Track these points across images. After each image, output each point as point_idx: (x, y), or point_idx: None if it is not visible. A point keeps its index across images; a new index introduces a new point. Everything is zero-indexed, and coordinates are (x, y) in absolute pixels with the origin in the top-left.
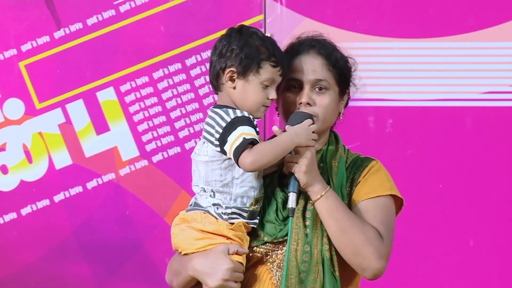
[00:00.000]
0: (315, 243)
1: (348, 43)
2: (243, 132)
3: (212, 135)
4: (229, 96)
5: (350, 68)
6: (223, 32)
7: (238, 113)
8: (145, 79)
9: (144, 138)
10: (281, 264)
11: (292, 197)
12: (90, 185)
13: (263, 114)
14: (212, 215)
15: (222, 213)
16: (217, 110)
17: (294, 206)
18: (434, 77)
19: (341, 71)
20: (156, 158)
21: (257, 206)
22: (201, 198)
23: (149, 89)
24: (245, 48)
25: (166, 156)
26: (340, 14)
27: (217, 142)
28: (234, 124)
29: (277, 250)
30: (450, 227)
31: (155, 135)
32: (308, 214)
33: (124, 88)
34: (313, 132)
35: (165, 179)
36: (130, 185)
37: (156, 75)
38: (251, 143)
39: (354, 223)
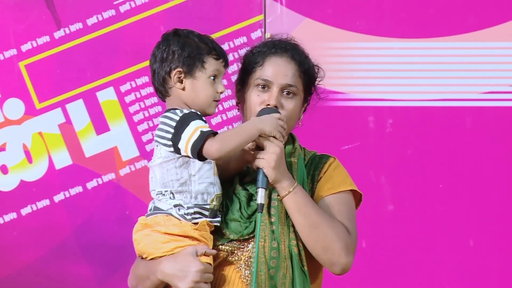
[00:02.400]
0: (282, 239)
1: (348, 43)
2: (198, 126)
3: (163, 137)
4: (179, 98)
5: (316, 77)
6: (223, 32)
7: (185, 111)
8: (145, 79)
9: (144, 138)
10: (249, 262)
11: (261, 192)
12: (90, 185)
13: (215, 110)
14: (175, 217)
15: (185, 213)
16: (165, 114)
17: (263, 201)
18: (434, 77)
19: (310, 79)
20: None
21: (217, 204)
22: (160, 203)
23: (149, 89)
24: (185, 48)
25: None
26: (340, 14)
27: (170, 143)
28: (185, 120)
29: (242, 248)
30: (450, 227)
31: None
32: (273, 211)
33: (124, 88)
34: (281, 126)
35: None
36: (130, 185)
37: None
38: (211, 134)
39: (323, 219)
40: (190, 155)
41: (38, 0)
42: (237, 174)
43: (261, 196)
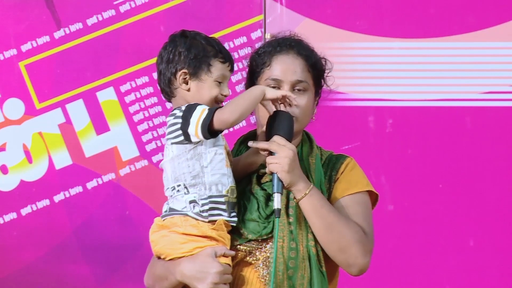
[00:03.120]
0: (301, 240)
1: (348, 43)
2: (205, 107)
3: (172, 132)
4: (184, 98)
5: (325, 70)
6: (223, 32)
7: (191, 103)
8: (145, 79)
9: (144, 138)
10: (267, 262)
11: (277, 197)
12: (90, 185)
13: None
14: (192, 217)
15: (200, 211)
16: (172, 112)
17: (279, 206)
18: (434, 77)
19: (319, 73)
20: (156, 158)
21: (233, 197)
22: (175, 201)
23: (149, 89)
24: (192, 49)
25: None
26: (340, 14)
27: (180, 132)
28: (192, 108)
29: (261, 248)
30: (450, 227)
31: (155, 135)
32: (291, 211)
33: (124, 88)
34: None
35: None
36: (130, 185)
37: (156, 75)
38: (217, 109)
39: (339, 220)
40: (200, 135)
41: (38, 0)
42: (254, 173)
43: (277, 201)
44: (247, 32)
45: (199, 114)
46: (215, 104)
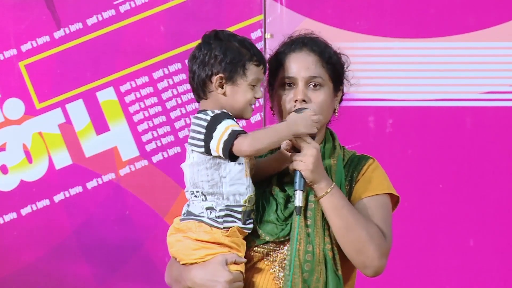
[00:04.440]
0: (317, 243)
1: (348, 43)
2: (229, 125)
3: (195, 138)
4: (218, 102)
5: (343, 64)
6: None
7: (217, 111)
8: (145, 79)
9: (144, 138)
10: (283, 264)
11: (298, 195)
12: (90, 185)
13: (251, 114)
14: (206, 223)
15: (216, 216)
16: (197, 115)
17: (301, 204)
18: (434, 77)
19: (335, 67)
20: (156, 158)
21: (251, 205)
22: (193, 205)
23: (149, 89)
24: (228, 53)
25: (166, 156)
26: (340, 14)
27: (202, 143)
28: (217, 120)
29: (278, 250)
30: (450, 227)
31: (155, 135)
32: (309, 214)
33: (124, 88)
34: (315, 121)
35: (165, 179)
36: (130, 185)
37: (156, 75)
38: (241, 133)
39: (358, 221)
40: (221, 154)
41: (38, 0)
42: (275, 174)
43: (299, 199)
44: (247, 32)
45: (222, 132)
46: (249, 107)
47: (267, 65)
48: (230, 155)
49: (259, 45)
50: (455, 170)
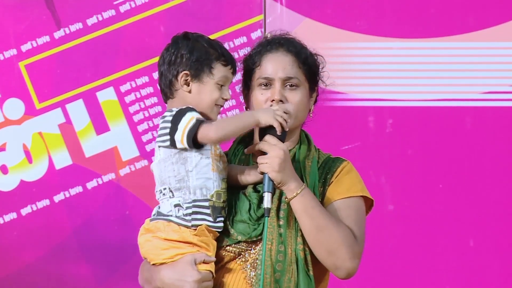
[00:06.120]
0: (289, 243)
1: (348, 43)
2: (193, 116)
3: (162, 135)
4: (184, 100)
5: (318, 65)
6: (223, 32)
7: (182, 107)
8: (145, 79)
9: (144, 138)
10: (255, 264)
11: (267, 197)
12: (90, 185)
13: (217, 115)
14: (175, 223)
15: (184, 214)
16: (164, 114)
17: (269, 206)
18: (434, 77)
19: (310, 68)
20: None
21: (220, 201)
22: (162, 204)
23: (149, 89)
24: (194, 52)
25: None
26: (340, 14)
27: (168, 137)
28: (181, 113)
29: (250, 250)
30: (450, 227)
31: (155, 135)
32: (282, 214)
33: (124, 88)
34: (285, 113)
35: None
36: (130, 185)
37: (156, 75)
38: (205, 122)
39: (329, 222)
40: (185, 143)
41: (38, 0)
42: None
43: (267, 201)
44: (247, 32)
45: (187, 122)
46: (215, 107)
47: (237, 67)
48: (195, 143)
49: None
50: (455, 170)
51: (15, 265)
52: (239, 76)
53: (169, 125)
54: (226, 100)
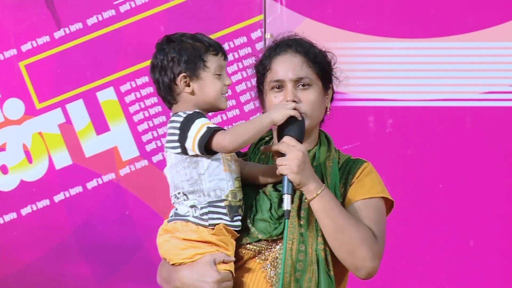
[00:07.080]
0: (310, 243)
1: (348, 43)
2: (203, 123)
3: (171, 141)
4: (189, 102)
5: (329, 62)
6: (223, 32)
7: (189, 112)
8: (145, 79)
9: (144, 138)
10: (275, 263)
11: (286, 199)
12: (90, 185)
13: (227, 104)
14: (193, 223)
15: (201, 214)
16: (171, 119)
17: (289, 208)
18: (434, 77)
19: (321, 66)
20: (156, 158)
21: (236, 200)
22: (179, 206)
23: (149, 89)
24: (183, 52)
25: None
26: (340, 14)
27: (177, 144)
28: (190, 120)
29: (270, 248)
30: (450, 227)
31: (155, 135)
32: (303, 214)
33: (124, 88)
34: (290, 109)
35: (165, 179)
36: (130, 185)
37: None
38: (218, 130)
39: (349, 223)
40: (197, 151)
41: (38, 0)
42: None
43: (287, 203)
44: (247, 32)
45: (197, 130)
46: (222, 97)
47: (226, 53)
48: (207, 150)
49: (259, 45)
50: (455, 170)
51: (15, 265)
52: (238, 76)
53: (177, 131)
54: (229, 85)
